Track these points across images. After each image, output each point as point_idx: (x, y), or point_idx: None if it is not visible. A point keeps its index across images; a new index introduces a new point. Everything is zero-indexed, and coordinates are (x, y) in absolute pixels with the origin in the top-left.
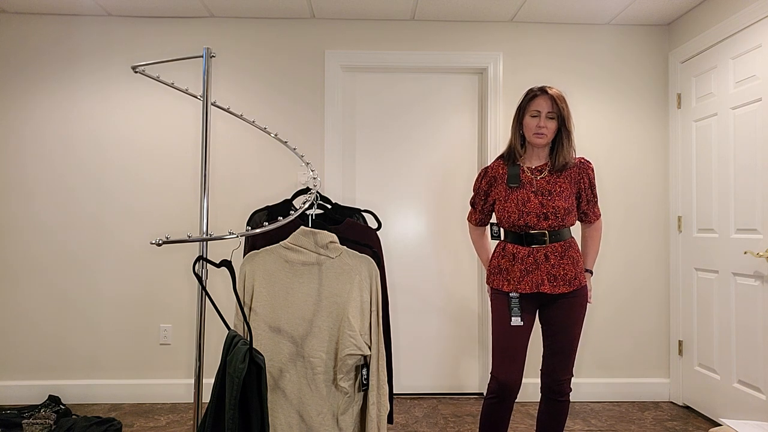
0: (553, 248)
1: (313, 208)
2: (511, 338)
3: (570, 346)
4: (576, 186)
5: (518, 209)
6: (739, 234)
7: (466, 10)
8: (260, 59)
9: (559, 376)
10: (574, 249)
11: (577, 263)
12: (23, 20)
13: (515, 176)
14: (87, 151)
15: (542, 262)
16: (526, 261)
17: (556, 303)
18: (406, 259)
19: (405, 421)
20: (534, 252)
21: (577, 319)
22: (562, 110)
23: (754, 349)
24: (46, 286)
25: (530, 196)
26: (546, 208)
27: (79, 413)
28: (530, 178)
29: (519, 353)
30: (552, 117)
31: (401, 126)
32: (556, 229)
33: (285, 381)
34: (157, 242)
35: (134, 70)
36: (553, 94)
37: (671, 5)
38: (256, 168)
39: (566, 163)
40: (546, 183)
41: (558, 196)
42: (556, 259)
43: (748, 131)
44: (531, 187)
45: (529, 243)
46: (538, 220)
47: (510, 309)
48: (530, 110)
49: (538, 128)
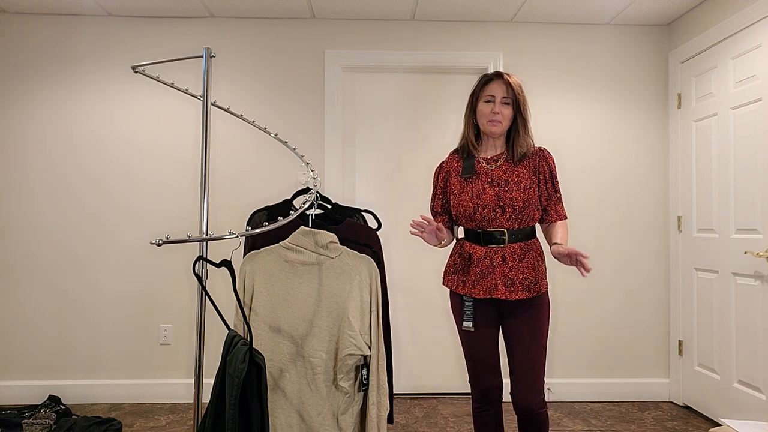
0: (512, 249)
1: (313, 208)
2: (471, 343)
3: (532, 363)
4: (535, 176)
5: (473, 202)
6: (739, 234)
7: (466, 10)
8: (260, 59)
9: (527, 400)
10: (535, 252)
11: (538, 267)
12: (23, 20)
13: (470, 167)
14: (87, 151)
15: (498, 264)
16: (482, 263)
17: (515, 312)
18: (406, 259)
19: (405, 421)
20: (491, 253)
21: (538, 330)
22: (517, 95)
23: (754, 349)
24: (46, 286)
25: (485, 188)
26: (502, 200)
27: (79, 413)
28: (485, 169)
29: (486, 360)
30: (507, 102)
31: (401, 126)
32: (516, 227)
33: (285, 381)
34: (157, 242)
35: (134, 70)
36: (509, 79)
37: (671, 5)
38: (256, 168)
39: (524, 153)
40: (502, 173)
41: (515, 186)
42: (514, 261)
43: (748, 131)
44: (486, 177)
45: (487, 242)
46: (495, 215)
47: (462, 312)
48: (484, 95)
49: (492, 114)
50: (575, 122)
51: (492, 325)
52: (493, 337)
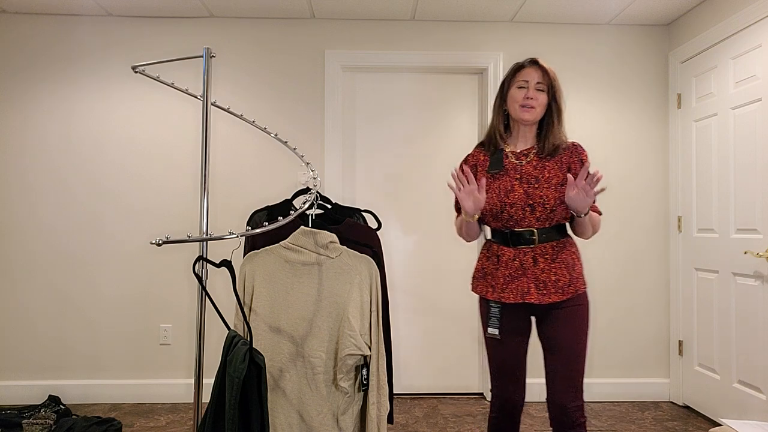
0: (542, 249)
1: (313, 208)
2: (497, 352)
3: (572, 367)
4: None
5: (500, 200)
6: (739, 234)
7: (466, 10)
8: (260, 59)
9: (564, 404)
10: (569, 250)
11: (573, 267)
12: (23, 20)
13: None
14: (87, 151)
15: (530, 266)
16: (511, 265)
17: (550, 315)
18: (406, 259)
19: (405, 421)
20: (520, 254)
21: (577, 333)
22: (553, 81)
23: (754, 349)
24: (46, 286)
25: (514, 185)
26: (532, 198)
27: (79, 413)
28: (514, 164)
29: (510, 369)
30: (542, 89)
31: (401, 126)
32: (547, 226)
33: (285, 381)
34: (157, 242)
35: (134, 70)
36: (544, 66)
37: (671, 5)
38: (256, 168)
39: (557, 146)
40: (533, 168)
41: (546, 183)
42: (546, 262)
43: (748, 131)
44: (515, 173)
45: (515, 243)
46: (524, 214)
47: (488, 318)
48: (517, 81)
49: (525, 99)
50: (575, 122)
51: (521, 333)
52: (521, 347)
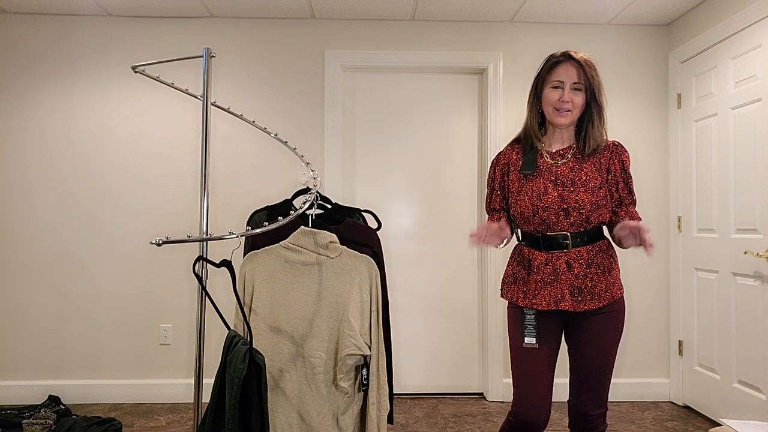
0: (577, 254)
1: (313, 208)
2: (527, 363)
3: (600, 375)
4: (606, 175)
5: (532, 203)
6: (739, 234)
7: (466, 10)
8: (260, 59)
9: (587, 411)
10: (606, 254)
11: (609, 272)
12: (23, 20)
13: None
14: (87, 150)
15: (563, 271)
16: (544, 270)
17: (583, 322)
18: (406, 259)
19: (405, 421)
20: (553, 259)
21: (610, 341)
22: (591, 80)
23: (754, 349)
24: (46, 286)
25: (548, 187)
26: (567, 203)
27: (79, 413)
28: (549, 165)
29: (540, 382)
30: (579, 89)
31: (401, 126)
32: (582, 230)
33: (285, 381)
34: (157, 242)
35: (134, 70)
36: (581, 60)
37: (671, 5)
38: (256, 168)
39: (596, 147)
40: (569, 170)
41: (582, 186)
42: (581, 267)
43: (748, 131)
44: (549, 175)
45: (548, 248)
46: (557, 218)
47: (523, 327)
48: (551, 81)
49: (560, 103)
50: None
51: (553, 341)
52: (552, 356)
